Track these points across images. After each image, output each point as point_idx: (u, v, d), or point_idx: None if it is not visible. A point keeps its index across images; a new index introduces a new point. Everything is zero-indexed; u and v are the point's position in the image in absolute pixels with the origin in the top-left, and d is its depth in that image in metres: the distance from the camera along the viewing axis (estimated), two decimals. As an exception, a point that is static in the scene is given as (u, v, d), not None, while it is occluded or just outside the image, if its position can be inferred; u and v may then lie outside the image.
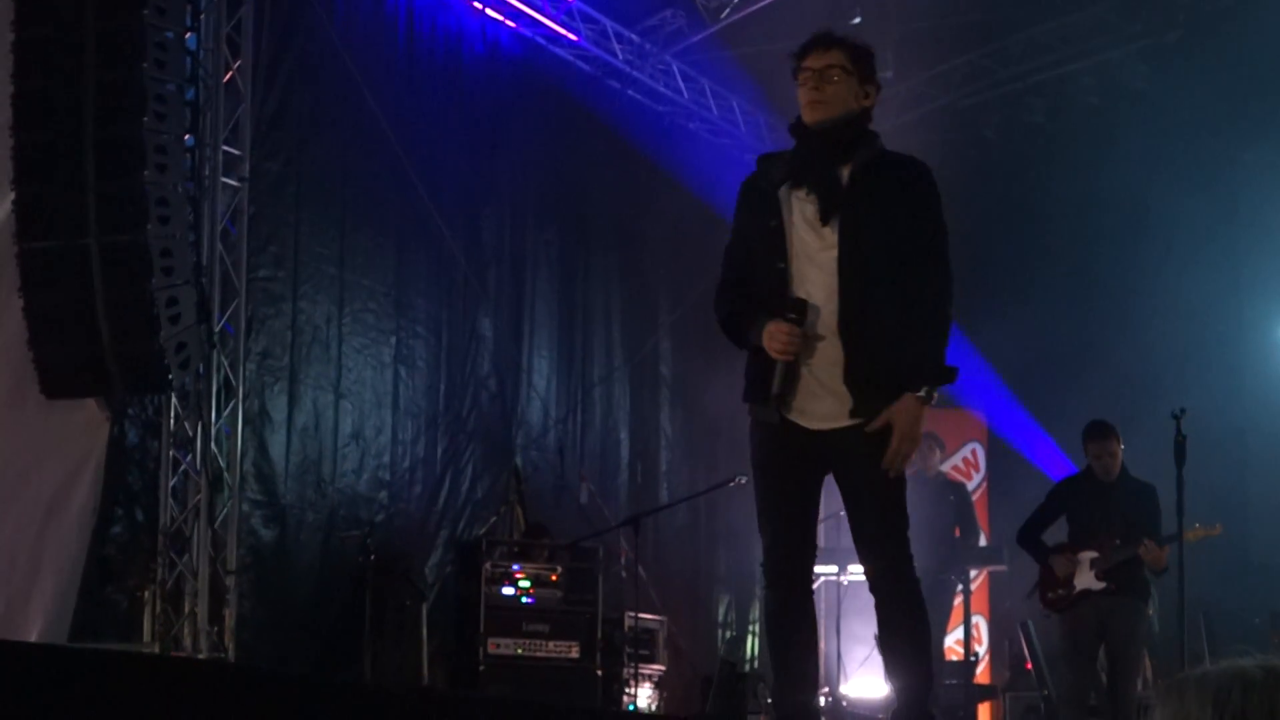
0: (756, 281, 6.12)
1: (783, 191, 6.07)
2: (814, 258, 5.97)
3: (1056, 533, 11.52)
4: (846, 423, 5.92)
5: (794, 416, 6.01)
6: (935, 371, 5.93)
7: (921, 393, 5.86)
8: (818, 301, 5.93)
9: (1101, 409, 12.02)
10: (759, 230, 6.11)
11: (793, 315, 5.90)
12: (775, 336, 5.90)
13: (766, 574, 6.18)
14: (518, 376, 14.18)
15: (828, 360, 5.93)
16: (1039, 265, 15.40)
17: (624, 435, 15.41)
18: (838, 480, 6.06)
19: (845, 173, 6.00)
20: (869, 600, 6.13)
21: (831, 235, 5.94)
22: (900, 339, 5.91)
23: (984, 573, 15.11)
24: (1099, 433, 11.27)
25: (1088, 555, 11.11)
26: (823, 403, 5.96)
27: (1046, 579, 11.35)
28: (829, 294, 5.93)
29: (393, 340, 12.93)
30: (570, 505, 14.17)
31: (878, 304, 5.90)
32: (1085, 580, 11.08)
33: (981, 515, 15.18)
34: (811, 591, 6.25)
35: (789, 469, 6.07)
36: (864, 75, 6.12)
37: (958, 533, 13.38)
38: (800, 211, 6.02)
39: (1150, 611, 11.34)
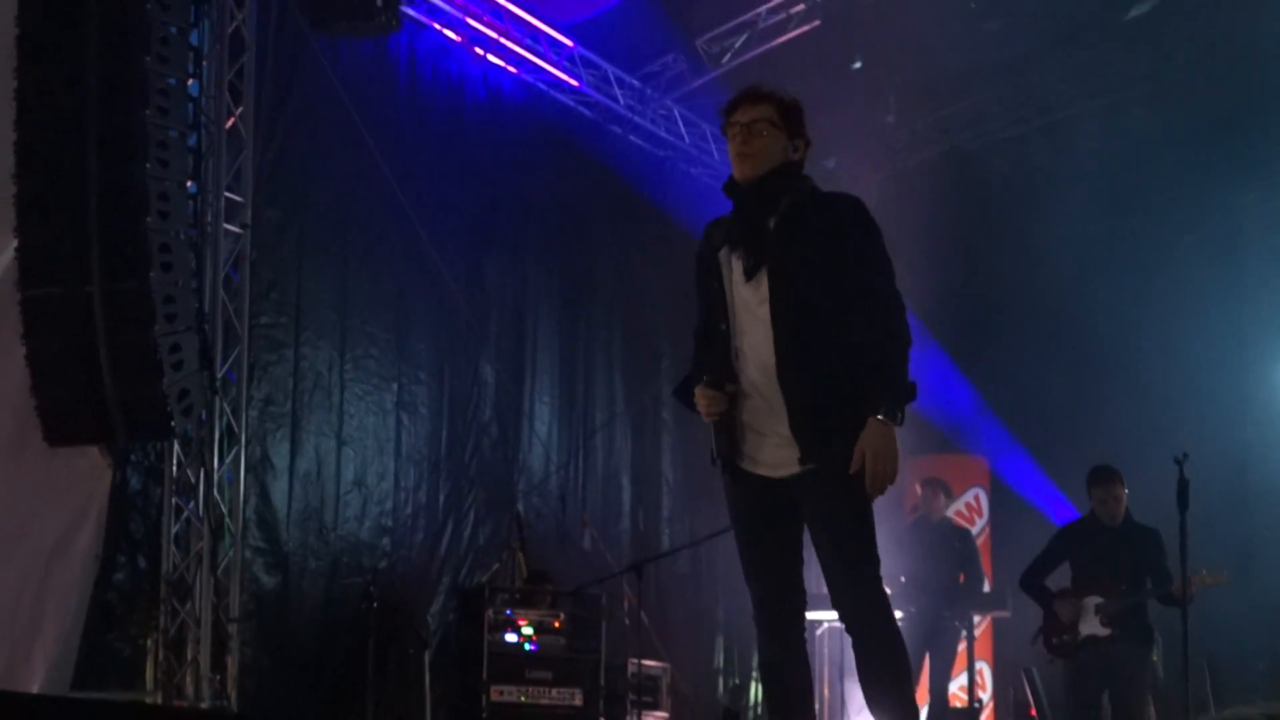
0: (710, 346, 6.17)
1: (723, 254, 6.11)
2: (754, 312, 6.00)
3: (1060, 578, 11.50)
4: (800, 469, 5.93)
5: (755, 468, 6.05)
6: (894, 392, 5.88)
7: (881, 414, 5.83)
8: (760, 355, 5.96)
9: (1104, 454, 12.00)
10: (706, 295, 6.20)
11: (709, 379, 6.01)
12: (699, 401, 6.05)
13: (757, 624, 6.16)
14: (519, 422, 14.16)
15: (774, 411, 5.96)
16: (1041, 309, 15.39)
17: (626, 481, 15.38)
18: (807, 525, 6.05)
19: (772, 222, 6.02)
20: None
21: (764, 288, 5.96)
22: (843, 378, 5.91)
23: (988, 618, 15.06)
24: (1103, 477, 11.25)
25: (1092, 600, 11.08)
26: (776, 452, 5.98)
27: (1050, 624, 11.32)
28: (762, 347, 5.96)
29: (395, 386, 12.92)
30: (573, 551, 14.15)
31: (815, 348, 5.91)
32: (1090, 626, 11.06)
33: (985, 560, 15.14)
34: (804, 639, 6.22)
35: (762, 521, 6.09)
36: (793, 129, 6.15)
37: (962, 578, 13.36)
38: (736, 269, 6.06)
39: (1155, 657, 11.30)
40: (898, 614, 12.47)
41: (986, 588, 14.03)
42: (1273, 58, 14.68)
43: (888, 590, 6.05)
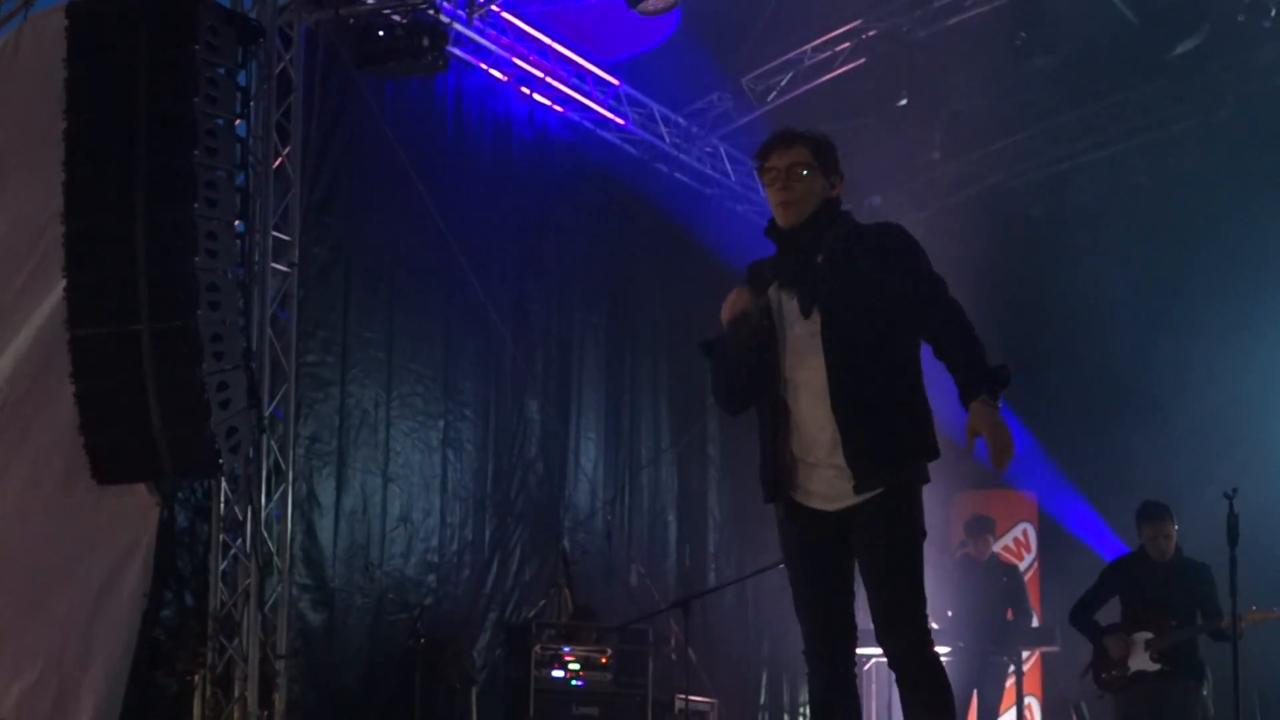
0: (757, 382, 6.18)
1: (772, 291, 6.14)
2: (808, 345, 6.01)
3: (1109, 613, 11.45)
4: (854, 500, 5.93)
5: (809, 500, 6.05)
6: (989, 377, 5.89)
7: (984, 396, 5.83)
8: (814, 386, 5.98)
9: (1152, 489, 11.96)
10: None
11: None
12: (728, 301, 6.11)
13: (809, 660, 6.15)
14: (565, 459, 14.17)
15: (829, 443, 5.96)
16: (1087, 344, 15.36)
17: (672, 517, 15.38)
18: (857, 559, 6.05)
19: (820, 258, 6.06)
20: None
21: (817, 322, 5.99)
22: (896, 406, 5.94)
23: (1036, 653, 15.00)
24: (1153, 514, 11.22)
25: (1142, 636, 11.04)
26: (830, 484, 5.98)
27: (1100, 659, 11.28)
28: (816, 377, 5.98)
29: (440, 424, 12.94)
30: (619, 587, 14.15)
31: (868, 379, 5.92)
32: (1139, 661, 11.02)
33: (1033, 595, 15.10)
34: (854, 675, 6.20)
35: (815, 554, 6.08)
36: (828, 168, 6.17)
37: (1010, 614, 13.31)
38: (790, 307, 6.08)
39: (1205, 693, 11.25)
40: (945, 650, 12.46)
41: (1035, 623, 13.97)
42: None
43: (934, 625, 6.05)
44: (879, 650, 6.05)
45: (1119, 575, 11.60)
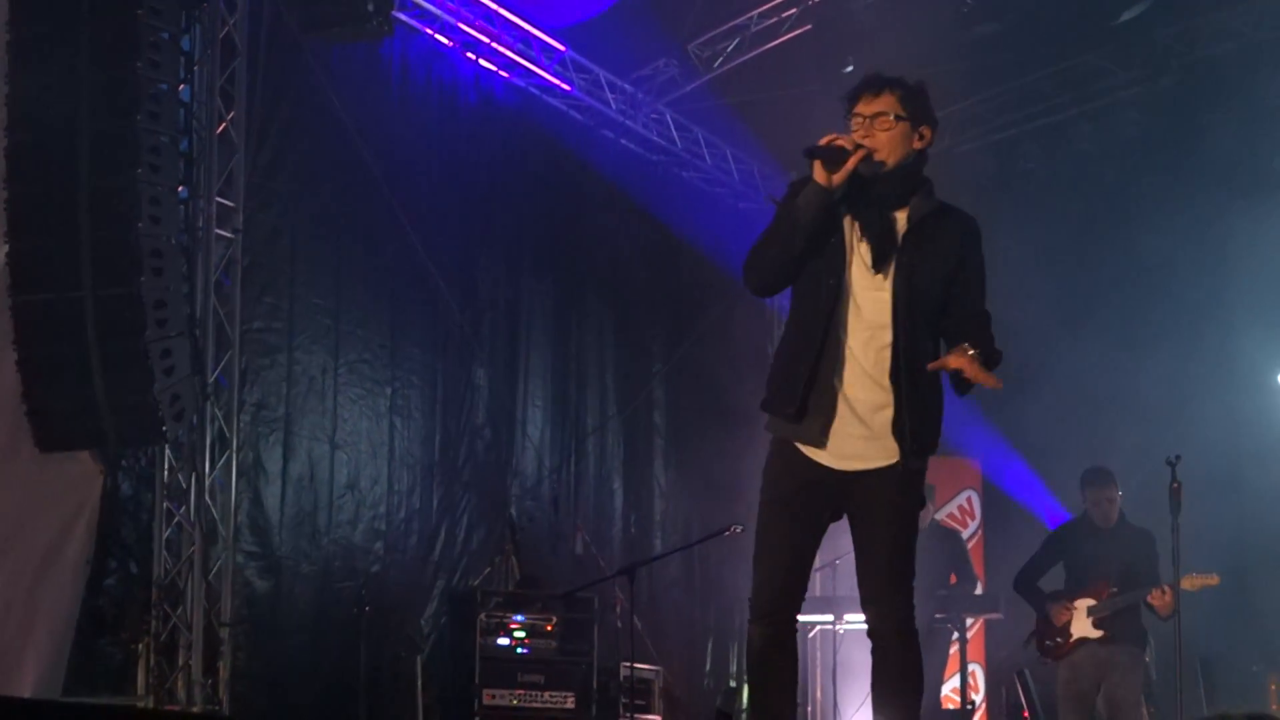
0: (800, 286, 6.11)
1: (848, 220, 6.03)
2: (863, 295, 5.97)
3: (1054, 579, 11.52)
4: (875, 465, 5.94)
5: (818, 455, 6.00)
6: (989, 344, 5.93)
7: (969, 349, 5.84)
8: (857, 341, 5.94)
9: (1096, 456, 12.03)
10: (819, 240, 6.03)
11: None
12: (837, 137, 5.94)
13: (754, 608, 6.11)
14: (512, 426, 14.16)
15: (870, 404, 5.94)
16: (1031, 311, 15.40)
17: (618, 485, 15.39)
18: (853, 523, 6.05)
19: (901, 219, 6.00)
20: (865, 649, 6.11)
21: (884, 281, 5.94)
22: (939, 388, 5.99)
23: (980, 620, 15.08)
24: (1098, 479, 11.29)
25: (1084, 603, 11.11)
26: (857, 445, 5.95)
27: (1043, 626, 11.35)
28: (870, 336, 5.94)
29: (388, 390, 12.91)
30: (565, 555, 14.16)
31: (924, 355, 5.93)
32: (1082, 628, 11.09)
33: (977, 563, 15.17)
34: (795, 634, 6.20)
35: (799, 507, 6.05)
36: (917, 117, 6.09)
37: (954, 579, 13.37)
38: (856, 245, 6.00)
39: (1147, 659, 11.33)
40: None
41: (979, 589, 14.05)
42: (1265, 64, 14.71)
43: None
44: (826, 618, 6.07)
45: (1063, 542, 11.67)
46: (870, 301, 5.96)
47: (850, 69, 14.16)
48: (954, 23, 13.74)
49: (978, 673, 15.54)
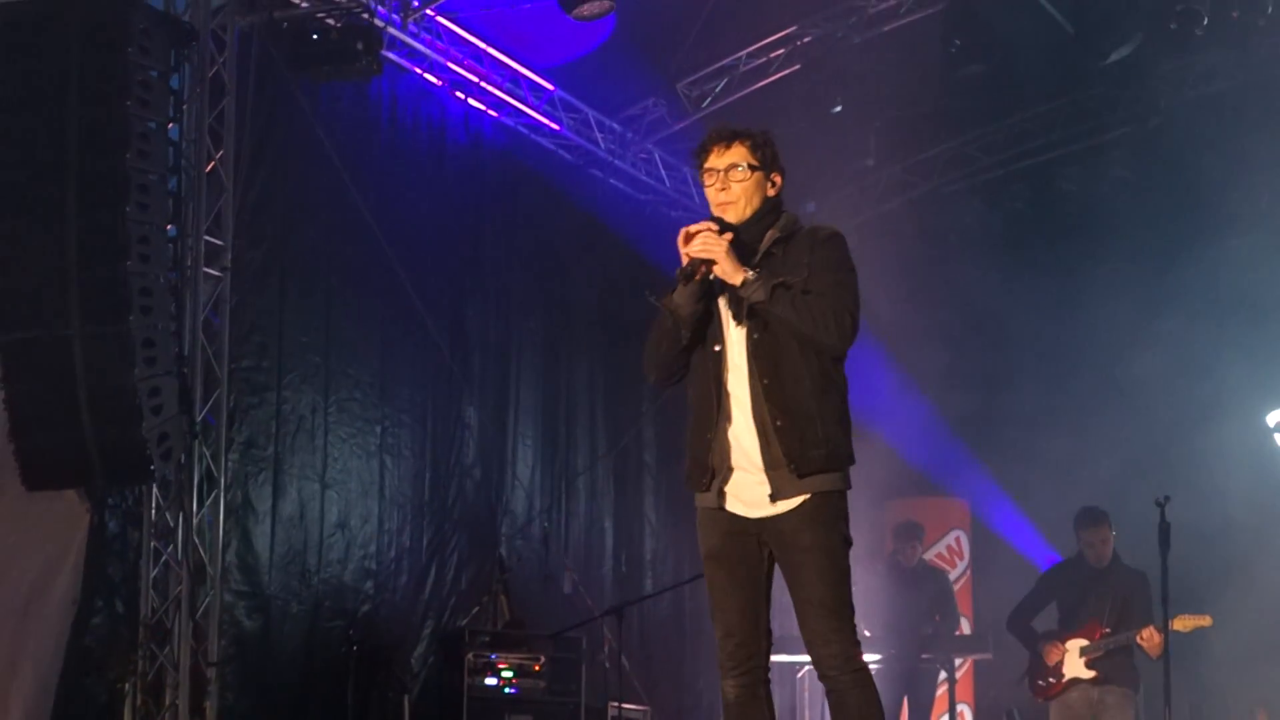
0: (695, 359, 6.20)
1: (716, 281, 6.11)
2: (736, 348, 6.06)
3: (1049, 619, 11.52)
4: (783, 507, 5.94)
5: (732, 505, 6.05)
6: (777, 291, 5.91)
7: (753, 274, 5.91)
8: (741, 397, 6.01)
9: (1085, 496, 12.03)
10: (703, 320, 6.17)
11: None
12: (691, 236, 6.00)
13: (722, 665, 6.14)
14: (502, 465, 14.14)
15: (754, 449, 5.98)
16: (1021, 351, 15.42)
17: (608, 524, 15.36)
18: (780, 568, 6.05)
19: (754, 261, 6.05)
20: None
21: (744, 330, 6.03)
22: (818, 417, 5.94)
23: (969, 660, 15.06)
24: (1091, 519, 11.31)
25: (1077, 643, 11.11)
26: (754, 491, 5.99)
27: (1036, 666, 11.34)
28: (745, 383, 6.02)
29: (378, 429, 12.89)
30: (555, 595, 14.11)
31: (792, 388, 5.94)
32: (1074, 668, 11.08)
33: (966, 603, 15.17)
34: (768, 681, 6.21)
35: (733, 559, 6.07)
36: (768, 165, 6.18)
37: (938, 619, 13.35)
38: (726, 303, 6.11)
39: (1138, 701, 11.31)
40: (876, 657, 12.49)
41: (966, 629, 14.03)
42: (1252, 105, 14.77)
43: (866, 633, 6.05)
44: (805, 659, 6.04)
45: (1056, 581, 11.68)
46: (739, 356, 6.05)
47: (839, 109, 14.21)
48: (942, 63, 13.78)
49: (966, 713, 15.49)
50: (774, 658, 6.37)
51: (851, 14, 14.17)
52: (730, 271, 5.92)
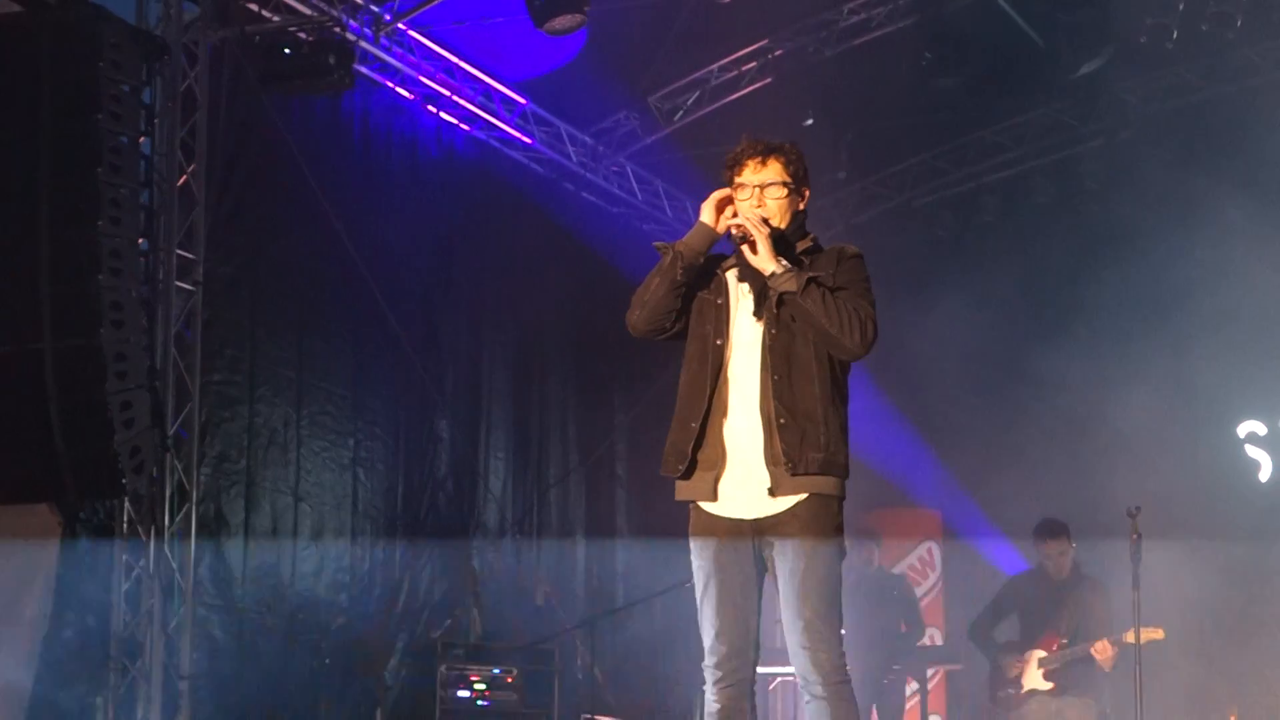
0: (690, 349, 6.23)
1: (732, 276, 6.19)
2: (745, 348, 6.08)
3: (1012, 630, 11.55)
4: (778, 508, 5.95)
5: (727, 507, 6.05)
6: (809, 281, 5.98)
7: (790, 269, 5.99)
8: (748, 392, 6.02)
9: (1057, 506, 12.06)
10: (703, 302, 6.22)
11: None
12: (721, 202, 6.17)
13: (707, 674, 6.14)
14: (475, 478, 14.15)
15: (754, 449, 5.99)
16: (992, 363, 15.44)
17: (580, 536, 15.37)
18: (774, 570, 6.04)
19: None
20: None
21: (761, 325, 6.05)
22: (823, 422, 5.96)
23: (940, 671, 15.07)
24: (1051, 531, 11.35)
25: (1036, 654, 11.15)
26: (750, 485, 5.99)
27: (996, 678, 11.38)
28: (750, 385, 6.03)
29: (351, 442, 12.89)
30: (528, 607, 14.12)
31: (801, 391, 5.96)
32: (1033, 680, 11.13)
33: (938, 614, 15.18)
34: (752, 692, 6.19)
35: (727, 565, 6.06)
36: (800, 180, 6.22)
37: (904, 628, 13.33)
38: (742, 302, 6.13)
39: (1107, 710, 11.34)
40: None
41: (938, 639, 14.05)
42: (1222, 118, 14.84)
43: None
44: (788, 670, 6.04)
45: (1016, 593, 11.72)
46: (749, 351, 6.07)
47: (811, 122, 14.25)
48: (913, 76, 13.82)
49: (939, 724, 15.52)
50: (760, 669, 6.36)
51: (823, 28, 14.21)
52: (767, 255, 5.97)
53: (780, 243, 6.09)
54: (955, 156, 16.38)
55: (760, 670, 6.24)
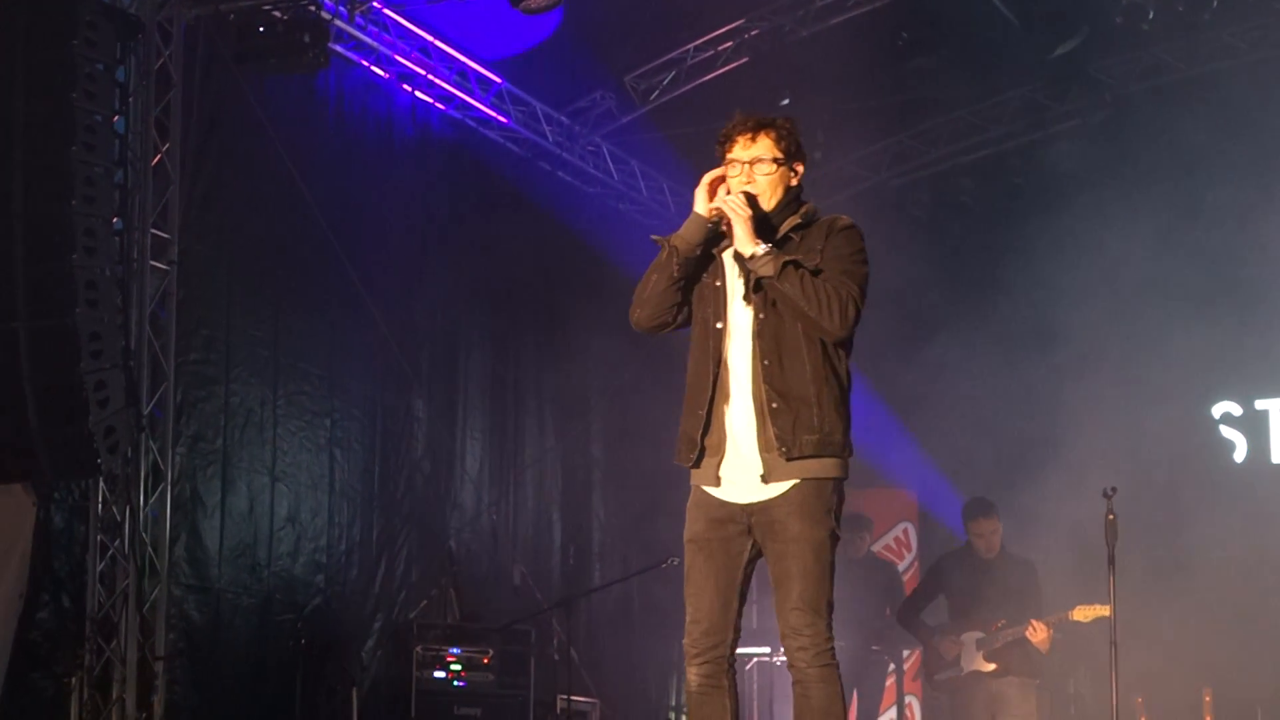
0: (695, 334, 6.20)
1: (727, 256, 6.14)
2: (741, 329, 6.05)
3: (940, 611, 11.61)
4: (773, 493, 5.94)
5: (723, 488, 6.04)
6: (788, 265, 5.90)
7: (770, 252, 5.92)
8: (739, 375, 6.01)
9: (1033, 487, 12.08)
10: (704, 285, 6.19)
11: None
12: (713, 184, 6.11)
13: (687, 649, 6.13)
14: (451, 458, 14.14)
15: (752, 431, 5.99)
16: (967, 341, 15.44)
17: (556, 517, 15.39)
18: (765, 555, 6.04)
19: (772, 241, 6.04)
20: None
21: (755, 307, 6.01)
22: (817, 404, 5.93)
23: (917, 652, 15.09)
24: (980, 510, 11.40)
25: (972, 635, 11.19)
26: (745, 470, 5.99)
27: (931, 660, 11.41)
28: (747, 365, 6.02)
29: (328, 422, 12.87)
30: (504, 588, 14.12)
31: (790, 369, 5.95)
32: (972, 661, 11.16)
33: (913, 595, 15.17)
34: (733, 671, 6.18)
35: (717, 545, 6.06)
36: (792, 155, 6.16)
37: (888, 613, 13.37)
38: (735, 285, 6.10)
39: (1039, 689, 11.38)
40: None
41: (924, 618, 14.07)
42: (1198, 98, 14.85)
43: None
44: (763, 650, 6.04)
45: (945, 573, 11.75)
46: (743, 335, 6.05)
47: (787, 101, 14.23)
48: (889, 56, 13.83)
49: (914, 705, 15.54)
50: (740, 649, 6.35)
51: (799, 7, 14.19)
52: (745, 239, 5.93)
53: (763, 224, 6.04)
54: (931, 137, 16.39)
55: (741, 650, 6.23)
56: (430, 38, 13.59)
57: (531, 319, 15.33)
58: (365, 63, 13.35)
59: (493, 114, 14.48)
